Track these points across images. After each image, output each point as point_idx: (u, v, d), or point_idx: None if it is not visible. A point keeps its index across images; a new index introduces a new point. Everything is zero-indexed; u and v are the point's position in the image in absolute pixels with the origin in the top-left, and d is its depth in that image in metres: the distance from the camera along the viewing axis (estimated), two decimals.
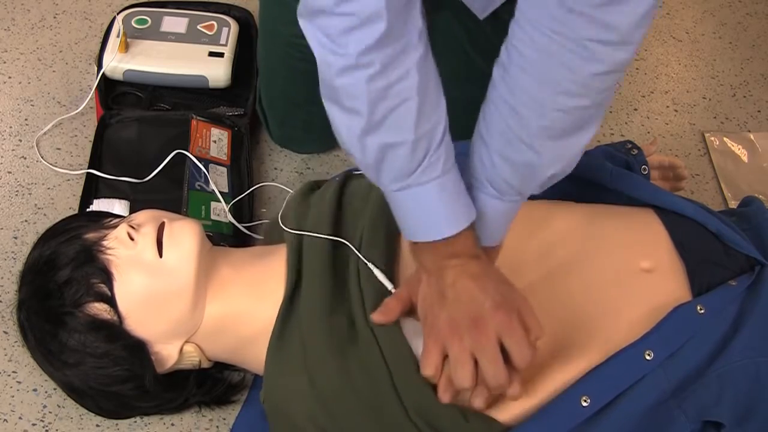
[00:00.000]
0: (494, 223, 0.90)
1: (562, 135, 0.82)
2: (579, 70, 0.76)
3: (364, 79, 0.77)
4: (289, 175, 1.40)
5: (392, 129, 0.80)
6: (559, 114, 0.80)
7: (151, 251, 0.94)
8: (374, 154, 0.82)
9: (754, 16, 1.81)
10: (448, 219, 0.85)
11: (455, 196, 0.85)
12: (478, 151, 0.87)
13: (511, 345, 0.84)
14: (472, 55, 1.19)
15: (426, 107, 0.80)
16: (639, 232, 1.02)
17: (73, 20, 1.60)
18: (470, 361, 0.84)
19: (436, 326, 0.87)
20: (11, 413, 1.07)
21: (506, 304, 0.85)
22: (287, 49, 1.24)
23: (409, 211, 0.86)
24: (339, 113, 0.81)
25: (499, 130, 0.84)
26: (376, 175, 0.85)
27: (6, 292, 1.19)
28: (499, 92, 0.82)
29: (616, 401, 0.88)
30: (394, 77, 0.77)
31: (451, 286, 0.86)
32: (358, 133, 0.81)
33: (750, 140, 1.54)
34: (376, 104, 0.78)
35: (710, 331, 0.92)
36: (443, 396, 0.87)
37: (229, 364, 1.06)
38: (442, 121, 0.83)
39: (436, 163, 0.83)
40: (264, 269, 1.01)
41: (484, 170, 0.87)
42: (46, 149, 1.37)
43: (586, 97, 0.79)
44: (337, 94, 0.80)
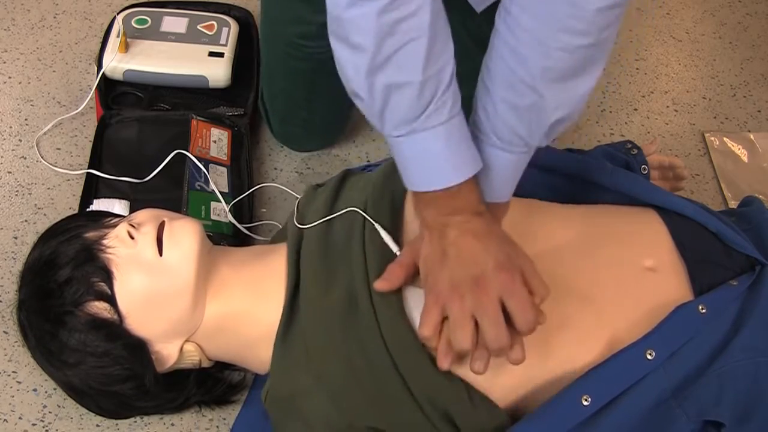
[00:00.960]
0: (500, 176, 0.88)
1: (566, 76, 0.80)
2: (580, 4, 0.75)
3: (374, 11, 0.75)
4: (289, 175, 1.40)
5: (400, 68, 0.78)
6: (561, 53, 0.78)
7: (151, 250, 0.94)
8: (380, 95, 0.80)
9: (754, 16, 1.81)
10: (453, 166, 0.83)
11: (461, 143, 0.83)
12: (481, 101, 0.85)
13: (513, 306, 0.82)
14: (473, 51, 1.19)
15: (435, 47, 0.79)
16: (640, 232, 1.02)
17: (73, 20, 1.60)
18: (470, 322, 0.82)
19: (436, 286, 0.85)
20: (11, 413, 1.07)
21: (509, 264, 0.83)
22: (288, 49, 1.24)
23: (412, 159, 0.84)
24: (345, 50, 0.79)
25: (501, 75, 0.82)
26: (381, 120, 0.83)
27: (6, 292, 1.19)
28: (500, 35, 0.81)
29: (617, 400, 0.88)
30: (405, 12, 0.76)
31: (452, 243, 0.84)
32: (364, 71, 0.79)
33: (750, 140, 1.54)
34: (385, 40, 0.76)
35: (711, 331, 0.92)
36: (442, 361, 0.85)
37: (230, 363, 1.06)
38: (450, 64, 0.81)
39: (442, 108, 0.81)
40: (264, 269, 1.01)
41: (488, 120, 0.85)
42: (46, 149, 1.37)
43: (588, 35, 0.77)
44: (345, 29, 0.78)
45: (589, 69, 0.81)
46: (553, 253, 1.00)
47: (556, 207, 1.07)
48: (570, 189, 1.12)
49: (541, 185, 1.11)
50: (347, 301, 0.93)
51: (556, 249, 1.00)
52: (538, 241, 1.01)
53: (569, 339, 0.93)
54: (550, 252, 1.00)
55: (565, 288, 0.96)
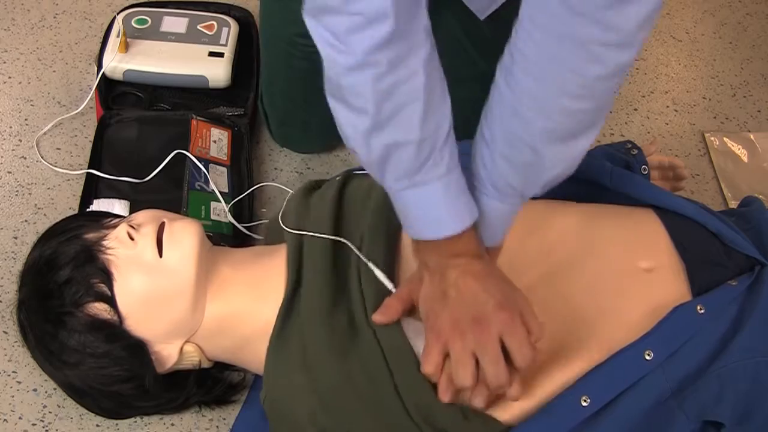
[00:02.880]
0: (495, 224, 0.90)
1: (565, 137, 0.82)
2: (582, 72, 0.76)
3: (370, 78, 0.77)
4: (289, 175, 1.40)
5: (398, 128, 0.80)
6: (561, 116, 0.80)
7: (151, 251, 0.94)
8: (379, 153, 0.82)
9: (754, 16, 1.81)
10: (451, 217, 0.85)
11: (459, 195, 0.85)
12: (479, 153, 0.87)
13: (512, 345, 0.84)
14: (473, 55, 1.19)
15: (432, 106, 0.80)
16: (639, 232, 1.02)
17: (73, 20, 1.60)
18: (471, 360, 0.84)
19: (437, 325, 0.87)
20: (11, 413, 1.07)
21: (509, 304, 0.85)
22: (288, 48, 1.24)
23: (413, 210, 0.86)
24: (345, 111, 0.81)
25: (501, 132, 0.84)
26: (381, 174, 0.85)
27: (6, 292, 1.19)
28: (501, 94, 0.82)
29: (616, 401, 0.88)
30: (401, 76, 0.77)
31: (453, 285, 0.86)
32: (363, 131, 0.80)
33: (750, 140, 1.54)
34: (383, 103, 0.78)
35: (710, 331, 0.92)
36: (443, 395, 0.87)
37: (230, 364, 1.06)
38: (447, 120, 0.83)
39: (440, 162, 0.83)
40: (264, 269, 1.01)
41: (486, 171, 0.87)
42: (46, 149, 1.37)
43: (588, 100, 0.79)
44: (343, 93, 0.80)
45: (588, 130, 0.83)
46: (551, 253, 1.00)
47: (555, 207, 1.07)
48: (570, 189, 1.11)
49: None
50: (347, 318, 0.95)
51: (555, 249, 1.00)
52: (537, 241, 1.01)
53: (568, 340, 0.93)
54: (549, 252, 1.00)
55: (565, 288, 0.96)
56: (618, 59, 0.76)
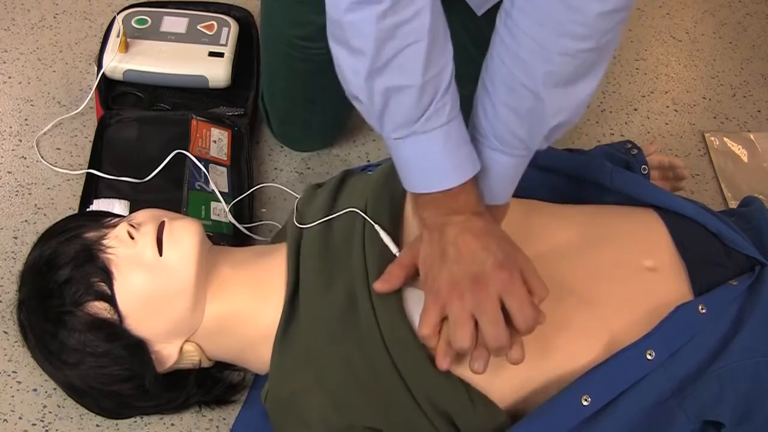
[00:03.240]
0: (499, 178, 0.88)
1: (567, 81, 0.80)
2: (583, 8, 0.75)
3: (373, 15, 0.75)
4: (289, 175, 1.40)
5: (399, 71, 0.78)
6: (563, 58, 0.78)
7: (151, 250, 0.94)
8: (380, 98, 0.80)
9: (754, 16, 1.82)
10: (452, 168, 0.83)
11: (460, 145, 0.83)
12: (481, 103, 0.85)
13: (513, 306, 0.82)
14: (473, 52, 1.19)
15: (435, 50, 0.79)
16: (640, 232, 1.02)
17: (73, 20, 1.60)
18: (470, 321, 0.82)
19: (436, 286, 0.84)
20: (11, 413, 1.07)
21: (509, 263, 0.83)
22: (288, 49, 1.24)
23: (412, 161, 0.84)
24: (345, 54, 0.80)
25: (502, 79, 0.82)
26: (380, 123, 0.83)
27: (6, 292, 1.19)
28: (501, 39, 0.81)
29: (617, 400, 0.88)
30: (405, 15, 0.76)
31: (452, 243, 0.84)
32: (364, 74, 0.79)
33: (750, 140, 1.54)
34: (384, 44, 0.76)
35: (711, 331, 0.92)
36: (442, 361, 0.85)
37: (230, 363, 1.06)
38: (449, 67, 0.81)
39: (441, 110, 0.81)
40: (264, 269, 1.01)
41: (488, 123, 0.85)
42: (46, 149, 1.37)
43: (590, 39, 0.77)
44: (345, 33, 0.78)
45: (590, 74, 0.81)
46: (552, 253, 1.00)
47: (555, 207, 1.07)
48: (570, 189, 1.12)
49: (541, 185, 1.11)
50: (347, 302, 0.93)
51: (555, 249, 1.00)
52: (538, 241, 1.01)
53: (569, 339, 0.93)
54: (550, 252, 1.00)
55: (565, 288, 0.96)
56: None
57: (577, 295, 0.95)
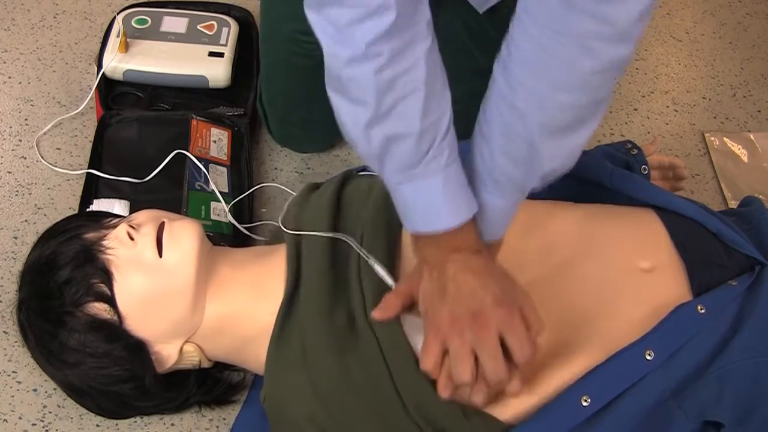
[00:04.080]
0: (495, 219, 0.90)
1: (561, 132, 0.82)
2: (577, 66, 0.76)
3: (372, 70, 0.76)
4: (289, 175, 1.40)
5: (398, 120, 0.80)
6: (557, 110, 0.80)
7: (151, 251, 0.94)
8: (379, 145, 0.81)
9: (754, 16, 1.81)
10: (450, 210, 0.85)
11: (458, 188, 0.85)
12: (478, 147, 0.87)
13: (511, 341, 0.84)
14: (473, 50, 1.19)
15: (432, 98, 0.80)
16: (639, 232, 1.02)
17: (73, 20, 1.60)
18: (470, 356, 0.84)
19: (436, 321, 0.86)
20: (11, 413, 1.07)
21: (508, 299, 0.85)
22: (289, 45, 1.24)
23: (412, 203, 0.86)
24: (345, 104, 0.81)
25: (498, 126, 0.84)
26: (380, 167, 0.84)
27: (6, 292, 1.19)
28: (498, 88, 0.82)
29: (617, 401, 0.88)
30: (402, 68, 0.77)
31: (452, 280, 0.86)
32: (363, 124, 0.80)
33: (750, 140, 1.54)
34: (384, 95, 0.78)
35: (710, 331, 0.92)
36: (443, 392, 0.86)
37: (230, 364, 1.06)
38: (447, 113, 0.83)
39: (440, 155, 0.83)
40: (264, 269, 1.01)
41: (485, 166, 0.86)
42: (46, 149, 1.37)
43: (584, 95, 0.79)
44: (344, 86, 0.79)
45: (585, 124, 0.83)
46: (552, 253, 1.00)
47: (555, 207, 1.07)
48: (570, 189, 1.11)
49: None
50: (347, 317, 0.94)
51: (555, 249, 1.00)
52: (538, 241, 1.01)
53: (568, 340, 0.93)
54: (549, 252, 1.00)
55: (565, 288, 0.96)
56: (613, 53, 0.76)
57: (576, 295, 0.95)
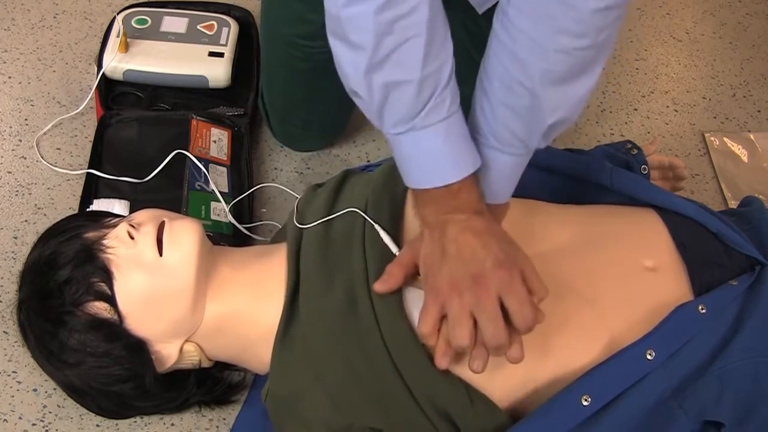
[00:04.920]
0: (499, 177, 0.88)
1: (564, 79, 0.81)
2: (577, 6, 0.75)
3: (371, 9, 0.75)
4: (289, 175, 1.40)
5: (398, 66, 0.78)
6: (559, 55, 0.78)
7: (151, 250, 0.94)
8: (379, 93, 0.80)
9: (754, 16, 1.81)
10: (452, 163, 0.83)
11: (460, 140, 0.84)
12: (479, 103, 0.86)
13: (512, 305, 0.82)
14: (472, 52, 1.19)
15: (434, 45, 0.79)
16: (640, 232, 1.02)
17: (73, 20, 1.60)
18: (469, 319, 0.82)
19: (436, 284, 0.85)
20: (11, 413, 1.07)
21: (509, 262, 0.84)
22: (288, 49, 1.24)
23: (412, 156, 0.84)
24: (344, 49, 0.80)
25: (499, 77, 0.82)
26: (380, 118, 0.83)
27: (6, 292, 1.19)
28: (498, 37, 0.81)
29: (617, 400, 0.88)
30: (403, 10, 0.76)
31: (452, 241, 0.84)
32: (363, 69, 0.79)
33: (750, 140, 1.54)
34: (383, 38, 0.77)
35: (711, 331, 0.92)
36: (440, 360, 0.85)
37: (230, 363, 1.06)
38: (449, 61, 0.82)
39: (441, 105, 0.81)
40: (264, 269, 1.01)
41: (486, 122, 0.85)
42: (46, 149, 1.37)
43: (586, 37, 0.77)
44: (343, 28, 0.78)
45: (587, 71, 0.81)
46: (552, 253, 1.00)
47: (555, 207, 1.07)
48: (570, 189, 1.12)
49: (541, 185, 1.11)
50: (347, 301, 0.93)
51: (555, 249, 1.00)
52: (538, 241, 1.01)
53: (569, 339, 0.93)
54: (550, 252, 1.00)
55: (565, 288, 0.96)
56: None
57: (577, 295, 0.95)
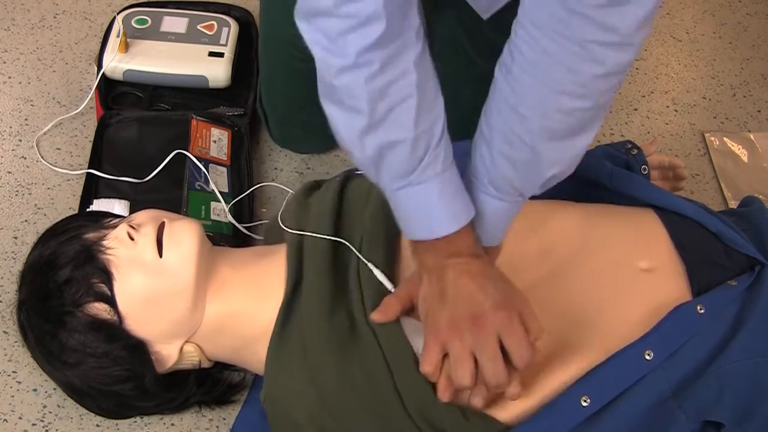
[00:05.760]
0: (494, 223, 0.90)
1: (563, 136, 0.82)
2: (580, 71, 0.77)
3: (363, 78, 0.77)
4: (289, 175, 1.40)
5: (392, 127, 0.80)
6: (560, 115, 0.80)
7: (151, 251, 0.94)
8: (374, 153, 0.82)
9: (754, 16, 1.81)
10: (448, 216, 0.85)
11: (455, 194, 0.86)
12: (479, 150, 0.87)
13: (510, 344, 0.84)
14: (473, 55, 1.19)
15: (425, 104, 0.81)
16: (639, 232, 1.02)
17: (73, 20, 1.60)
18: (470, 359, 0.84)
19: (436, 324, 0.87)
20: (11, 413, 1.07)
21: (507, 303, 0.86)
22: (288, 49, 1.24)
23: (409, 210, 0.86)
24: (339, 113, 0.82)
25: (500, 130, 0.84)
26: (376, 174, 0.85)
27: (6, 292, 1.19)
28: (501, 92, 0.82)
29: (616, 401, 0.88)
30: (394, 75, 0.78)
31: (452, 284, 0.86)
32: (358, 132, 0.81)
33: (750, 140, 1.54)
34: (376, 103, 0.78)
35: (710, 331, 0.92)
36: (443, 395, 0.87)
37: (230, 364, 1.06)
38: (441, 118, 0.83)
39: (435, 161, 0.83)
40: (264, 269, 1.01)
41: (485, 169, 0.87)
42: (46, 149, 1.37)
43: (587, 99, 0.79)
44: (337, 94, 0.80)
45: (586, 129, 0.83)
46: (551, 252, 1.00)
47: (555, 207, 1.07)
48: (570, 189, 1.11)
49: None
50: (348, 318, 0.95)
51: (555, 249, 1.00)
52: (537, 240, 1.01)
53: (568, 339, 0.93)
54: (549, 252, 1.00)
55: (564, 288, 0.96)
56: (616, 59, 0.76)
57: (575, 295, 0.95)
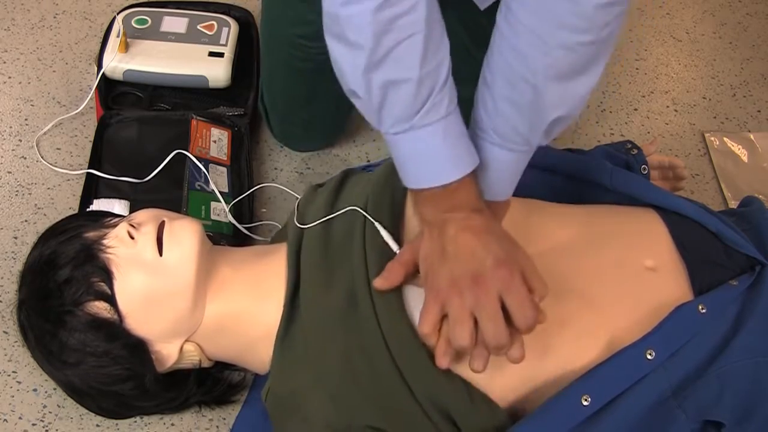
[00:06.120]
0: (499, 174, 0.88)
1: (566, 75, 0.81)
2: (580, 1, 0.75)
3: (370, 8, 0.75)
4: (289, 175, 1.40)
5: (397, 64, 0.78)
6: (562, 51, 0.79)
7: (151, 250, 0.94)
8: (378, 92, 0.80)
9: (754, 16, 1.82)
10: (451, 163, 0.83)
11: (458, 140, 0.84)
12: (481, 98, 0.86)
13: (512, 304, 0.82)
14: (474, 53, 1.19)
15: (432, 43, 0.79)
16: (640, 232, 1.02)
17: (73, 20, 1.60)
18: (469, 319, 0.82)
19: (436, 283, 0.84)
20: (11, 413, 1.07)
21: (509, 261, 0.83)
22: (289, 49, 1.24)
23: (411, 156, 0.84)
24: (342, 48, 0.80)
25: (502, 72, 0.82)
26: (379, 117, 0.83)
27: (6, 292, 1.19)
28: (501, 32, 0.81)
29: (617, 400, 0.88)
30: (401, 8, 0.76)
31: (452, 240, 0.84)
32: (362, 68, 0.79)
33: (750, 140, 1.54)
34: (382, 37, 0.77)
35: (711, 331, 0.92)
36: (441, 360, 0.85)
37: (230, 363, 1.06)
38: (446, 60, 0.82)
39: (439, 104, 0.81)
40: (264, 268, 1.01)
41: (488, 117, 0.85)
42: (46, 149, 1.37)
43: (588, 32, 0.78)
44: (341, 27, 0.78)
45: (589, 69, 0.81)
46: (552, 253, 1.00)
47: (555, 207, 1.07)
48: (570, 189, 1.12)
49: (541, 185, 1.11)
50: (347, 300, 0.93)
51: (555, 249, 1.00)
52: (538, 241, 1.01)
53: (569, 338, 0.93)
54: (550, 252, 1.00)
55: (565, 288, 0.96)
56: None
57: (577, 295, 0.95)
